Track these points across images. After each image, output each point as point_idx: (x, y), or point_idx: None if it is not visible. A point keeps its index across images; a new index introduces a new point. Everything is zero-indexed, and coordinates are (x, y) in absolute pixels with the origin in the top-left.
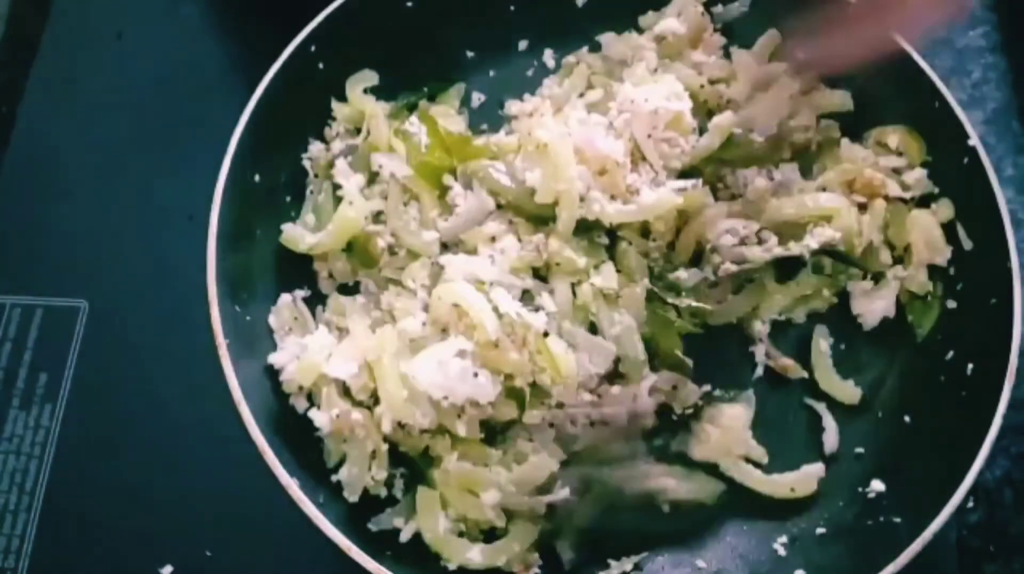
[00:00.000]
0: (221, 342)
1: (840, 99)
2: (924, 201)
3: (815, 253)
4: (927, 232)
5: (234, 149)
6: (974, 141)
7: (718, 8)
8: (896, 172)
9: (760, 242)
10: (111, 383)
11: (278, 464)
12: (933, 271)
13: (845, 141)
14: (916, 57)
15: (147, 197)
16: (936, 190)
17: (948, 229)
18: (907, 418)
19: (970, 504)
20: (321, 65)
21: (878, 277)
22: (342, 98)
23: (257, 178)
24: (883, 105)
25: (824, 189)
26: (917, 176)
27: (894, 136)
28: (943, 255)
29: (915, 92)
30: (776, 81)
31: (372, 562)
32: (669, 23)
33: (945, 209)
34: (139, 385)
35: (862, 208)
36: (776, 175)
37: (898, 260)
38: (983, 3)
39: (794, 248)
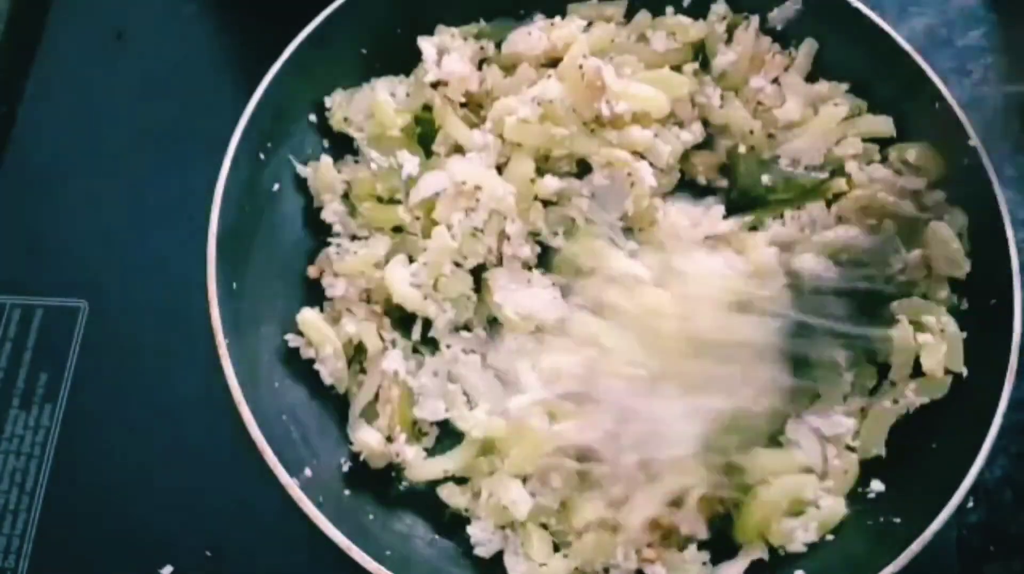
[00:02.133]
0: (221, 342)
1: (884, 124)
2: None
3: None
4: (945, 246)
5: (234, 149)
6: (974, 141)
7: (773, 13)
8: (915, 194)
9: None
10: (111, 383)
11: (278, 464)
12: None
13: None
14: (916, 57)
15: (147, 197)
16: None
17: None
18: (907, 418)
19: (970, 504)
20: (322, 65)
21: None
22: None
23: (258, 178)
24: (882, 106)
25: (840, 218)
26: (935, 198)
27: (912, 151)
28: (962, 268)
29: (915, 92)
30: (823, 103)
31: (372, 562)
32: (726, 57)
33: (959, 218)
34: (139, 385)
35: (873, 230)
36: (803, 216)
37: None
38: (983, 3)
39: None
